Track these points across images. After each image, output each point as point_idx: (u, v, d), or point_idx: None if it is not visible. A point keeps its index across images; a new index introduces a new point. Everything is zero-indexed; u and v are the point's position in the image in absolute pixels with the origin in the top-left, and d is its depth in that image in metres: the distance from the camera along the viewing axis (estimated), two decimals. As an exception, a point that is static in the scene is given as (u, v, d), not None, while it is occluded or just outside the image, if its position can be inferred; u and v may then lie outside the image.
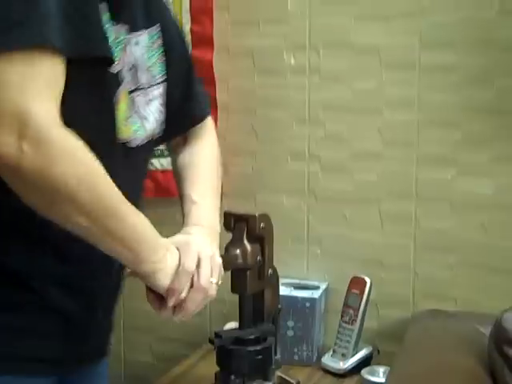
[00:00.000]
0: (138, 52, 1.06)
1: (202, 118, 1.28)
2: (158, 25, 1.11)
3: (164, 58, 1.12)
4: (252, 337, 1.28)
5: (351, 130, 1.65)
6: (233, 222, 1.28)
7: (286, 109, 1.70)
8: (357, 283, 1.53)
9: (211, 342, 1.29)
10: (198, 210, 1.20)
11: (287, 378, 1.39)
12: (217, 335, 1.29)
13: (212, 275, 1.10)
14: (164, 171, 1.78)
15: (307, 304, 1.54)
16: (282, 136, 1.71)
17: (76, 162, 0.92)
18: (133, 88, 1.06)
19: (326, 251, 1.69)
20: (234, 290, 1.32)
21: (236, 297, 1.32)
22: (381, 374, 1.43)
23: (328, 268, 1.69)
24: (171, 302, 1.07)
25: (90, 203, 0.93)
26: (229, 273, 1.31)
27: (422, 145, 1.60)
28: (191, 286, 1.08)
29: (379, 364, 1.48)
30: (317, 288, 1.62)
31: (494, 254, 1.57)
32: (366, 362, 1.50)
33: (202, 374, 1.48)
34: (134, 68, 1.05)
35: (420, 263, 1.62)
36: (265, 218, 1.30)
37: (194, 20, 1.74)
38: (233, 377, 1.28)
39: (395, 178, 1.62)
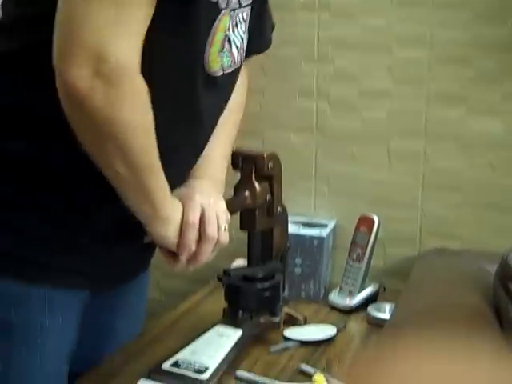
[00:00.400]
0: None
1: (261, 50, 1.26)
2: None
3: None
4: (260, 275, 1.30)
5: (361, 67, 1.63)
6: (241, 161, 1.28)
7: (295, 46, 1.67)
8: (365, 222, 1.53)
9: (219, 279, 1.31)
10: (206, 163, 1.20)
11: (294, 314, 1.41)
12: (225, 273, 1.31)
13: (219, 223, 1.11)
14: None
15: (315, 242, 1.55)
16: (290, 73, 1.69)
17: (143, 112, 0.92)
18: (224, 7, 1.00)
19: (333, 189, 1.69)
20: (242, 227, 1.33)
21: (244, 234, 1.33)
22: (387, 311, 1.45)
23: (336, 206, 1.69)
24: (184, 257, 1.09)
25: (139, 155, 0.94)
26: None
27: (432, 82, 1.58)
28: (200, 237, 1.09)
29: (385, 301, 1.50)
30: (325, 226, 1.62)
31: (502, 193, 1.57)
32: (372, 299, 1.52)
33: (210, 309, 1.50)
34: None
35: (427, 202, 1.62)
36: (273, 157, 1.30)
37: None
38: (241, 312, 1.30)
39: (404, 116, 1.61)
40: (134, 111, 0.90)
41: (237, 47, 1.08)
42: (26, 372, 1.07)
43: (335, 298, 1.53)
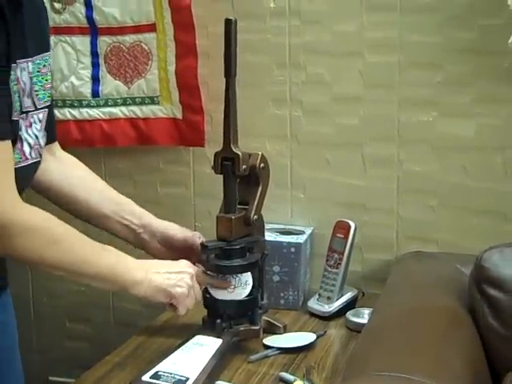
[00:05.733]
0: (24, 77, 1.09)
1: (52, 142, 1.31)
2: (47, 53, 1.16)
3: (50, 85, 1.17)
4: (238, 246, 1.31)
5: (332, 73, 1.64)
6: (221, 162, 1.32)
7: (267, 53, 1.68)
8: (341, 227, 1.54)
9: (202, 246, 1.32)
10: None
11: (274, 321, 1.41)
12: (203, 246, 1.31)
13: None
14: (146, 119, 1.76)
15: (292, 249, 1.55)
16: (262, 81, 1.69)
17: (35, 235, 1.04)
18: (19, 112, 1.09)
19: (309, 196, 1.70)
20: (218, 236, 1.33)
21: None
22: (365, 316, 1.45)
23: (312, 213, 1.69)
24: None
25: (60, 264, 1.08)
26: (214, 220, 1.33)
27: (403, 87, 1.59)
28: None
29: (364, 306, 1.50)
30: (302, 233, 1.63)
31: (475, 196, 1.58)
32: (351, 305, 1.53)
33: (190, 318, 1.49)
34: (23, 92, 1.10)
35: (403, 206, 1.63)
36: (264, 159, 1.35)
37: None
38: (219, 321, 1.30)
39: (377, 121, 1.62)
40: (29, 239, 1.03)
41: (29, 144, 1.13)
42: None
43: (314, 304, 1.53)
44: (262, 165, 1.36)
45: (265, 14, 1.67)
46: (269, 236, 1.52)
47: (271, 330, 1.40)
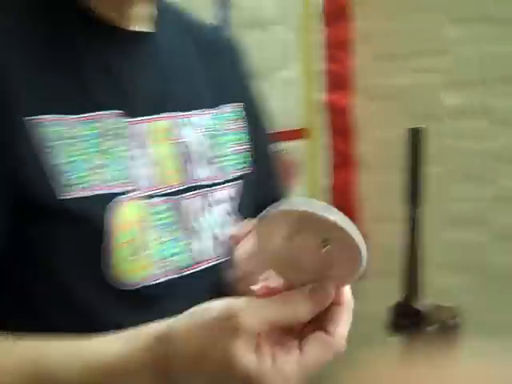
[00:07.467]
0: (188, 136, 0.76)
1: None
2: (237, 103, 0.82)
3: (246, 147, 0.82)
4: None
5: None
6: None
7: (448, 163, 1.37)
8: None
9: None
10: None
11: None
12: None
13: None
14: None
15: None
16: (441, 198, 1.37)
17: None
18: (179, 188, 0.74)
19: None
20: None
21: None
22: None
23: None
24: None
25: None
26: None
27: None
28: None
29: None
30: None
31: None
32: None
33: None
34: (182, 157, 0.76)
35: None
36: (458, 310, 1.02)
37: (328, 57, 1.45)
38: None
39: None
40: None
41: (211, 236, 0.75)
42: None
43: None
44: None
45: (442, 114, 1.38)
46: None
47: None
